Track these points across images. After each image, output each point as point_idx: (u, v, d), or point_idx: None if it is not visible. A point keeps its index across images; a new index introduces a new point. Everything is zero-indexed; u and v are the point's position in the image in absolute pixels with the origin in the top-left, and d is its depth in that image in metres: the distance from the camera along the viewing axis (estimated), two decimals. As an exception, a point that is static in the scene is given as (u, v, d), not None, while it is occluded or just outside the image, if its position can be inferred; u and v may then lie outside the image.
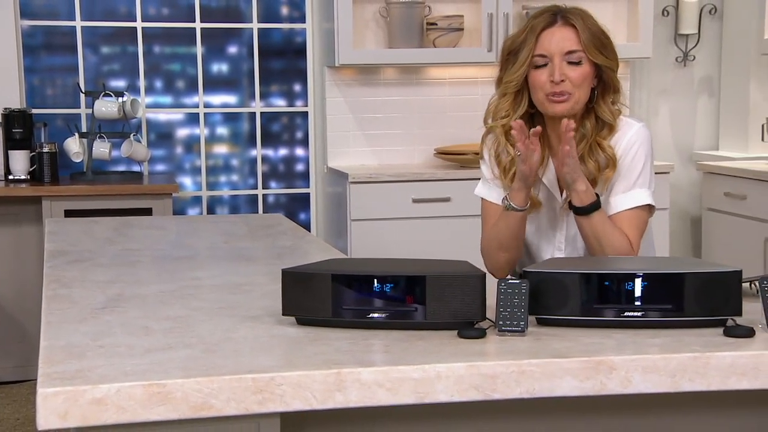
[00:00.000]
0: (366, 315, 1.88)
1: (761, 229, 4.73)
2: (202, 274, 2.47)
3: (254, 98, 5.52)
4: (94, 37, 5.40)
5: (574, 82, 2.48)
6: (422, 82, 5.37)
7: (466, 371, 1.64)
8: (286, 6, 5.61)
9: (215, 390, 1.59)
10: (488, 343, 1.78)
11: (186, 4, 5.45)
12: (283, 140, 5.64)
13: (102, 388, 1.56)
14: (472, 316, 1.84)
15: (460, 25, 5.14)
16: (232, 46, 5.58)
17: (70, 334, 1.89)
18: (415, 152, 5.35)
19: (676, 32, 5.62)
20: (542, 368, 1.65)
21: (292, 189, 5.63)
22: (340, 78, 5.31)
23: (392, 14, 5.13)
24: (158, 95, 5.49)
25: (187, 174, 5.54)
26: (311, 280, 1.90)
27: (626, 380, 1.66)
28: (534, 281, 1.86)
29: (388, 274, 1.87)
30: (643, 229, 2.55)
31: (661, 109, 5.68)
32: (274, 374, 1.61)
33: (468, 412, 1.70)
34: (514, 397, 1.65)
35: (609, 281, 1.85)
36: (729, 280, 1.82)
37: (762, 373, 1.67)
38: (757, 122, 5.35)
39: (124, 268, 2.60)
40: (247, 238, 3.11)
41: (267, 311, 2.04)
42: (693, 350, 1.69)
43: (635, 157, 2.54)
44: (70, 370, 1.64)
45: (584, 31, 2.49)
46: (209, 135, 5.53)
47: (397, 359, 1.69)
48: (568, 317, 1.86)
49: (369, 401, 1.63)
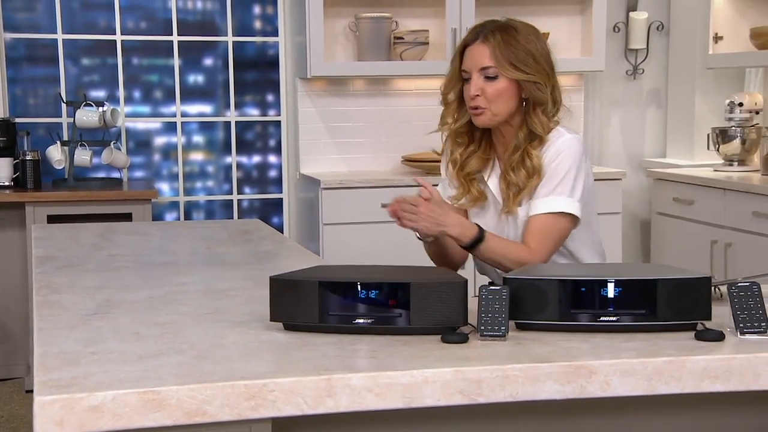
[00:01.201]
0: (352, 321, 1.82)
1: (708, 232, 4.73)
2: (187, 280, 2.40)
3: (229, 108, 5.45)
4: (75, 49, 5.30)
5: (488, 96, 2.47)
6: (389, 93, 5.32)
7: (452, 376, 1.59)
8: (260, 20, 5.54)
9: (209, 396, 1.53)
10: (471, 348, 1.73)
11: (163, 18, 5.37)
12: (257, 148, 5.57)
13: (98, 395, 1.49)
14: (454, 321, 1.79)
15: (425, 40, 5.10)
16: (207, 58, 5.50)
17: (63, 340, 1.81)
18: (383, 159, 5.30)
19: (626, 47, 5.61)
20: (525, 373, 1.61)
21: (265, 194, 5.56)
22: (312, 89, 5.25)
23: (361, 29, 5.08)
24: (137, 105, 5.40)
25: (165, 180, 5.45)
26: (299, 287, 1.84)
27: (605, 384, 1.62)
28: (514, 287, 1.81)
29: (373, 281, 1.82)
30: (555, 235, 2.46)
31: (612, 119, 5.67)
32: (266, 380, 1.55)
33: (452, 416, 1.65)
34: (498, 401, 1.60)
35: (585, 287, 1.80)
36: (699, 286, 1.78)
37: (734, 376, 1.63)
38: (702, 132, 5.35)
39: (111, 273, 2.53)
40: (228, 243, 3.04)
41: (254, 316, 1.98)
42: (668, 354, 1.65)
43: (558, 166, 2.48)
44: (65, 377, 1.57)
45: (498, 48, 2.46)
46: (186, 143, 5.45)
47: (384, 364, 1.63)
48: (546, 322, 1.81)
49: (358, 406, 1.58)
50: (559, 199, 2.46)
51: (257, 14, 5.54)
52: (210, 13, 5.47)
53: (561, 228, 2.48)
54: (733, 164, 5.02)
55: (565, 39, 5.38)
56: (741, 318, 1.75)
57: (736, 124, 5.02)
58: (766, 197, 4.35)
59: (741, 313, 1.75)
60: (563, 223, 2.47)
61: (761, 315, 1.74)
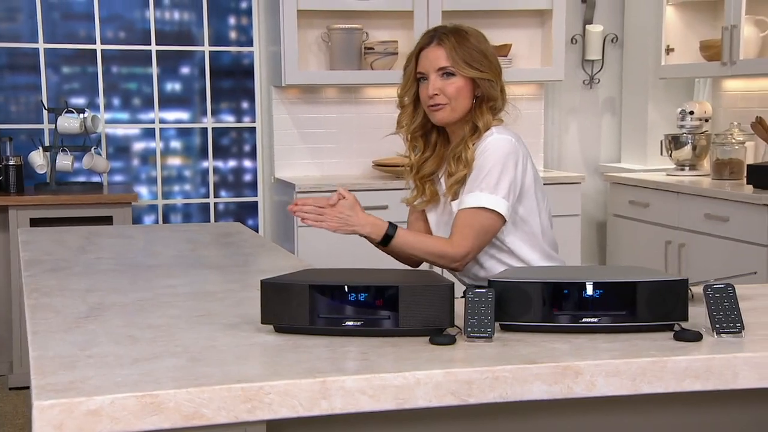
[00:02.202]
0: (341, 323, 1.77)
1: (662, 233, 4.72)
2: (175, 282, 2.33)
3: (206, 115, 5.37)
4: (56, 58, 5.20)
5: (448, 94, 2.48)
6: (360, 101, 5.27)
7: (443, 378, 1.55)
8: (235, 31, 5.47)
9: (206, 400, 1.47)
10: (459, 349, 1.69)
11: (141, 28, 5.28)
12: (232, 153, 5.49)
13: (96, 399, 1.43)
14: (441, 323, 1.75)
15: (394, 50, 5.05)
16: (184, 67, 5.41)
17: (58, 344, 1.75)
18: (354, 164, 5.25)
19: (583, 58, 5.60)
20: (514, 374, 1.56)
21: (241, 198, 5.48)
22: (286, 96, 5.18)
23: (333, 39, 5.02)
24: (116, 112, 5.31)
25: (143, 184, 5.36)
26: (289, 290, 1.78)
27: (591, 384, 1.58)
28: (498, 290, 1.77)
29: (362, 284, 1.77)
30: (477, 229, 2.45)
31: (570, 126, 5.66)
32: (262, 383, 1.50)
33: (443, 416, 1.60)
34: (488, 402, 1.56)
35: (568, 290, 1.76)
36: (677, 288, 1.75)
37: (713, 375, 1.60)
38: (654, 138, 5.35)
39: (99, 276, 2.45)
40: (212, 246, 2.97)
41: (244, 319, 1.92)
42: (650, 355, 1.61)
43: (483, 163, 2.47)
44: (63, 381, 1.51)
45: (454, 49, 2.48)
46: (164, 148, 5.36)
47: (376, 366, 1.59)
48: (530, 323, 1.77)
49: (352, 408, 1.53)
50: (482, 195, 2.45)
51: (232, 25, 5.47)
52: (187, 23, 5.39)
53: (483, 223, 2.45)
54: (685, 169, 5.03)
55: (527, 50, 5.36)
56: (717, 319, 1.72)
57: (687, 131, 5.02)
58: (717, 200, 4.35)
59: (717, 314, 1.72)
60: (486, 218, 2.45)
61: (736, 316, 1.72)
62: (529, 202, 2.56)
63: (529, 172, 2.55)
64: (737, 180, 4.65)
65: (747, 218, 4.14)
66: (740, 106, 5.09)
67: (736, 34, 4.58)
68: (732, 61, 4.61)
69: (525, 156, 2.54)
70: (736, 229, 4.21)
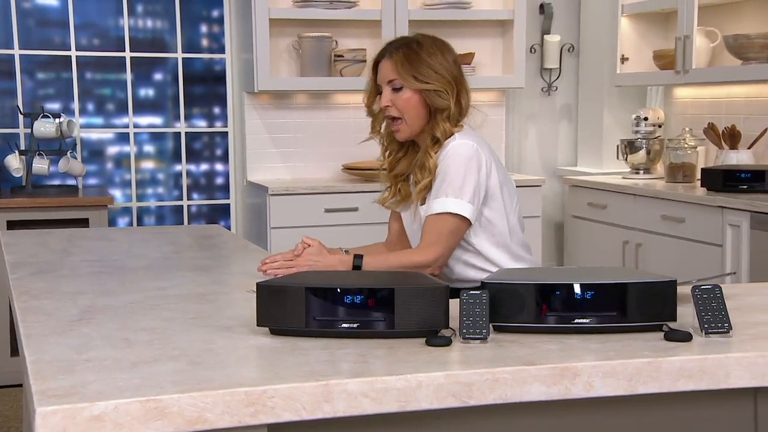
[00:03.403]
0: (337, 325, 1.70)
1: (620, 233, 4.71)
2: (164, 285, 2.24)
3: (178, 119, 5.26)
4: (32, 64, 5.06)
5: (399, 107, 2.46)
6: (330, 107, 5.20)
7: (444, 380, 1.48)
8: (207, 38, 5.37)
9: (209, 404, 1.40)
10: (456, 351, 1.62)
11: (115, 35, 5.16)
12: (205, 157, 5.39)
13: (99, 405, 1.35)
14: (436, 324, 1.69)
15: (363, 57, 4.99)
16: (158, 73, 5.30)
17: (53, 347, 1.66)
18: (324, 168, 5.17)
19: (542, 66, 5.58)
20: (513, 375, 1.50)
21: (214, 200, 5.38)
22: (258, 102, 5.10)
23: (304, 47, 4.95)
24: (90, 117, 5.18)
25: (117, 187, 5.24)
26: (285, 293, 1.71)
27: (588, 385, 1.52)
28: (492, 291, 1.71)
29: (358, 286, 1.70)
30: (444, 234, 2.41)
31: (530, 132, 5.63)
32: (265, 387, 1.42)
33: (442, 417, 1.54)
34: (487, 403, 1.50)
35: (560, 291, 1.71)
36: (666, 289, 1.71)
37: (706, 375, 1.55)
38: (608, 143, 5.34)
39: (87, 278, 2.35)
40: (195, 248, 2.87)
41: (238, 321, 1.84)
42: (644, 355, 1.56)
43: (446, 169, 2.44)
44: (63, 386, 1.42)
45: (400, 62, 2.45)
46: (138, 152, 5.24)
47: (377, 369, 1.52)
48: (523, 324, 1.71)
49: (355, 411, 1.46)
50: (447, 200, 2.41)
51: (204, 33, 5.37)
52: (160, 31, 5.28)
53: (450, 227, 2.42)
54: (639, 172, 5.02)
55: (489, 59, 5.33)
56: (705, 319, 1.67)
57: (642, 137, 5.01)
58: (673, 202, 4.35)
59: (705, 314, 1.68)
60: (452, 222, 2.42)
61: (724, 316, 1.67)
62: (495, 203, 2.51)
63: (494, 175, 2.50)
64: (690, 183, 4.66)
65: (702, 219, 4.14)
66: (691, 113, 5.10)
67: (689, 44, 4.58)
68: (685, 69, 4.61)
69: (489, 159, 2.49)
70: (692, 230, 4.21)
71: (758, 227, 3.82)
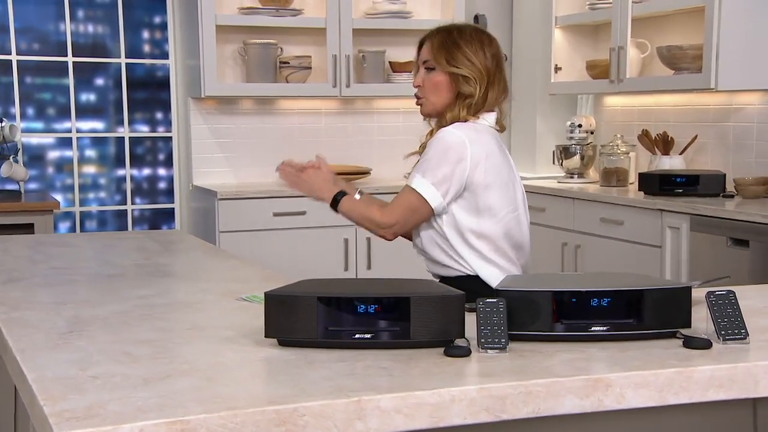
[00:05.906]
0: (352, 336, 1.56)
1: (559, 235, 4.66)
2: (146, 293, 2.05)
3: (121, 124, 5.01)
4: (-29, 68, 4.77)
5: (426, 87, 2.44)
6: (276, 112, 5.02)
7: (477, 394, 1.36)
8: (149, 44, 5.14)
9: (239, 424, 1.25)
10: (477, 361, 1.50)
11: (56, 40, 4.89)
12: (147, 162, 5.15)
13: (124, 428, 1.19)
14: (452, 334, 1.56)
15: (308, 64, 4.84)
16: (99, 78, 5.05)
17: (52, 363, 1.48)
18: (270, 173, 4.90)
19: (476, 75, 5.50)
20: (546, 388, 1.39)
21: (158, 204, 5.15)
22: (203, 107, 4.89)
23: (249, 53, 4.77)
24: (31, 121, 4.90)
25: (59, 191, 4.97)
26: (296, 303, 1.56)
27: (621, 396, 1.42)
28: (507, 299, 1.60)
29: (373, 295, 1.57)
30: (404, 205, 2.39)
31: (466, 138, 5.55)
32: (296, 405, 1.28)
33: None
34: (521, 417, 1.38)
35: (576, 298, 1.61)
36: (681, 295, 1.62)
37: (736, 384, 1.47)
38: (542, 149, 5.30)
39: (64, 287, 2.14)
40: (164, 254, 2.68)
41: (237, 331, 1.69)
42: (671, 365, 1.47)
43: (428, 151, 2.40)
44: (79, 407, 1.25)
45: (435, 45, 2.43)
46: (80, 157, 4.98)
47: (404, 383, 1.39)
48: (539, 332, 1.60)
49: (387, 428, 1.32)
50: (416, 177, 2.38)
51: (147, 38, 5.13)
52: (102, 36, 5.03)
53: (412, 202, 2.38)
54: (574, 177, 4.99)
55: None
56: (722, 326, 1.59)
57: (576, 143, 4.98)
58: (610, 205, 4.32)
59: (721, 320, 1.59)
60: (415, 198, 2.37)
61: (740, 322, 1.59)
62: (479, 199, 2.38)
63: (480, 172, 2.36)
64: (624, 186, 4.64)
65: (641, 222, 4.11)
66: (620, 120, 5.10)
67: (623, 55, 4.56)
68: (619, 79, 4.59)
69: (479, 155, 2.35)
70: (631, 232, 4.18)
71: (697, 229, 3.81)
